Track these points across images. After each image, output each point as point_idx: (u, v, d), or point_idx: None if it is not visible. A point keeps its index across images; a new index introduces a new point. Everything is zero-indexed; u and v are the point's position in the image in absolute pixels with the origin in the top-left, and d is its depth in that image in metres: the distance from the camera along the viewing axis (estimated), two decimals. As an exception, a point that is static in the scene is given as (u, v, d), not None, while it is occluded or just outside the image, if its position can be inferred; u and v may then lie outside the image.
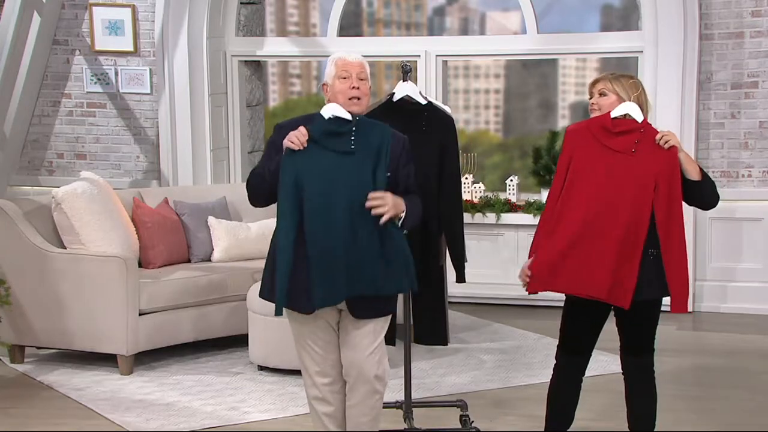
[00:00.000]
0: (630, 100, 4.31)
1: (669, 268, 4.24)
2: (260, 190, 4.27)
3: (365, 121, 4.17)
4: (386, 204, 4.04)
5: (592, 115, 4.39)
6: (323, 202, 4.05)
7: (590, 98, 4.43)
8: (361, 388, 4.27)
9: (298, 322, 4.26)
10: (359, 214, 4.05)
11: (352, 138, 4.11)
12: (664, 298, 4.34)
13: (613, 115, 4.28)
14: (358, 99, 4.20)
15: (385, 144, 4.14)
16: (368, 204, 4.03)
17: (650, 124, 4.29)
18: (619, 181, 4.23)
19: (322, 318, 4.21)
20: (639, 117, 4.26)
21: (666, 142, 4.23)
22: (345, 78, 4.20)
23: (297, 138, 4.06)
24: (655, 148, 4.24)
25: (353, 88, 4.19)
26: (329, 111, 4.12)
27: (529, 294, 4.41)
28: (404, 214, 4.12)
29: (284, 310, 4.17)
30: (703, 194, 4.33)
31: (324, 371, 4.31)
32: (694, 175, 4.28)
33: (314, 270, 4.05)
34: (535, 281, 4.31)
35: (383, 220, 4.04)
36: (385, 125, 4.21)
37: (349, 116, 4.12)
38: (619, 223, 4.21)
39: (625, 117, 4.27)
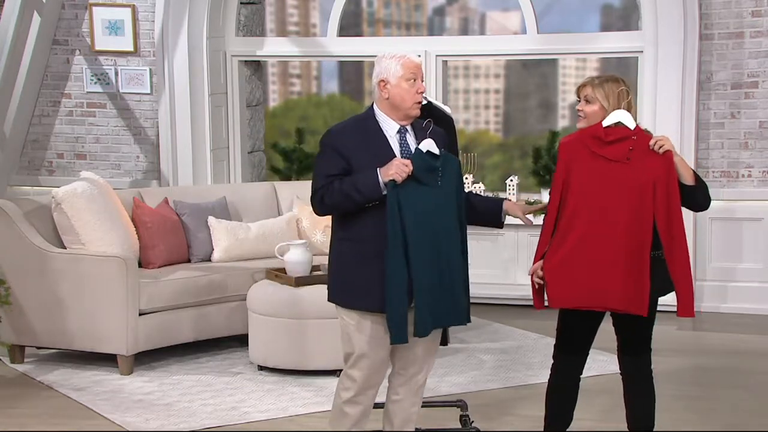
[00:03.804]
0: (612, 107, 4.30)
1: (674, 273, 4.23)
2: (344, 208, 4.19)
3: (447, 157, 4.24)
4: None
5: (579, 124, 4.39)
6: (423, 232, 4.13)
7: (578, 101, 4.43)
8: (416, 383, 4.40)
9: (375, 325, 4.23)
10: (446, 245, 4.19)
11: (440, 175, 4.19)
12: (660, 298, 4.35)
13: (604, 124, 4.26)
14: (420, 103, 4.24)
15: (459, 176, 4.28)
16: None
17: (643, 131, 4.27)
18: (617, 190, 4.21)
19: None
20: (631, 124, 4.24)
21: (660, 147, 4.21)
22: (413, 80, 4.19)
23: (404, 171, 4.08)
24: (649, 153, 4.21)
25: (420, 92, 4.22)
26: (426, 146, 4.17)
27: (537, 309, 4.44)
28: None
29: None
30: (697, 197, 4.32)
31: (377, 374, 4.33)
32: (688, 179, 4.27)
33: (420, 299, 4.14)
34: (550, 299, 4.32)
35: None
36: (457, 159, 4.33)
37: (438, 151, 4.19)
38: (622, 233, 4.21)
39: (618, 125, 4.26)
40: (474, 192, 4.77)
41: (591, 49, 8.04)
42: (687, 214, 7.49)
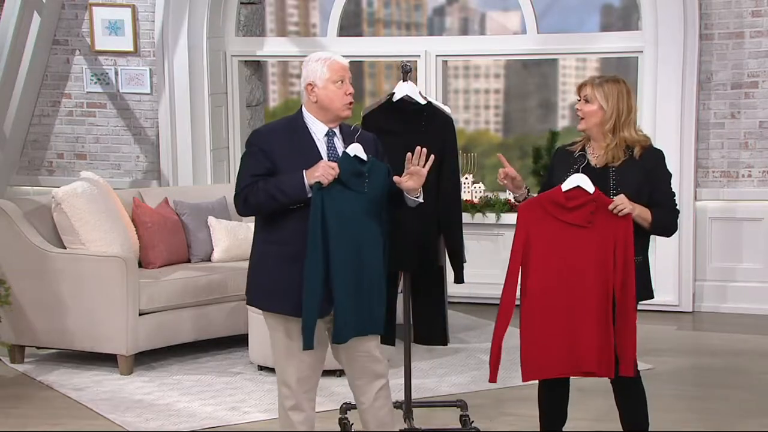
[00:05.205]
0: (610, 108, 4.30)
1: (621, 333, 4.26)
2: (267, 209, 4.15)
3: (375, 163, 4.19)
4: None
5: (579, 126, 4.40)
6: (346, 238, 4.09)
7: (578, 100, 4.43)
8: (373, 387, 4.32)
9: (297, 328, 4.18)
10: (368, 251, 4.15)
11: (366, 181, 4.15)
12: (653, 299, 4.42)
13: (564, 188, 4.25)
14: (351, 104, 4.20)
15: (387, 185, 4.21)
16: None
17: (601, 193, 4.25)
18: (582, 257, 4.23)
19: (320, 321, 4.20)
20: (590, 188, 4.23)
21: (620, 212, 4.22)
22: (341, 82, 4.16)
23: (330, 174, 4.04)
24: (610, 216, 4.22)
25: (349, 94, 4.18)
26: (353, 150, 4.13)
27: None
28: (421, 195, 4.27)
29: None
30: (666, 229, 4.37)
31: (309, 378, 4.27)
32: (648, 228, 4.30)
33: (339, 305, 4.09)
34: (528, 371, 4.40)
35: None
36: (385, 165, 4.24)
37: (365, 157, 4.15)
38: (591, 299, 4.24)
39: (576, 189, 4.24)
40: None
41: (591, 49, 8.04)
42: (687, 213, 7.55)
